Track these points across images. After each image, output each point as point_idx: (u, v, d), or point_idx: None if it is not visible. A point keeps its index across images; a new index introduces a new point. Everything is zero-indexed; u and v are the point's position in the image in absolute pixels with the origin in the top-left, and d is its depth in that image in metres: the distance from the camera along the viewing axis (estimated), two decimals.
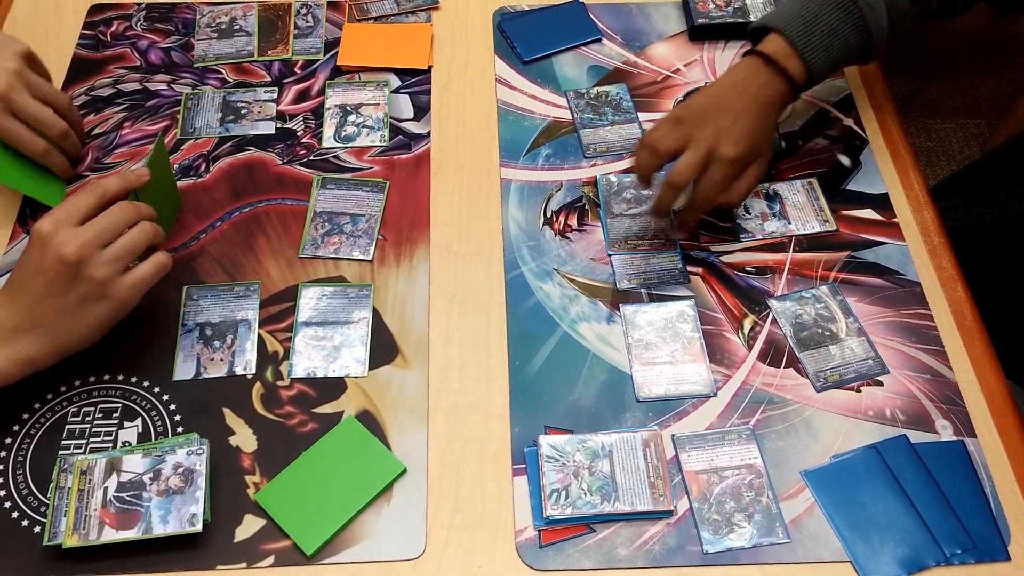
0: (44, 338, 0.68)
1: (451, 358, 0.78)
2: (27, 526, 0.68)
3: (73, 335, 0.69)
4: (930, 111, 2.14)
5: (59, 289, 0.67)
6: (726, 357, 0.78)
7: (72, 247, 0.66)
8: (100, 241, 0.68)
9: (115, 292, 0.69)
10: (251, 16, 1.03)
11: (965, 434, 0.73)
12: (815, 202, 0.87)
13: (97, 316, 0.69)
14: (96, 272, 0.67)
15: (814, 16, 0.79)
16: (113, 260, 0.68)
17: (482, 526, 0.69)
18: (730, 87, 0.80)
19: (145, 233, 0.71)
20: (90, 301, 0.68)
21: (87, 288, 0.68)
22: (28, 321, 0.68)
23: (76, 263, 0.67)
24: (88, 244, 0.67)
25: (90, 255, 0.67)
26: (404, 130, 0.93)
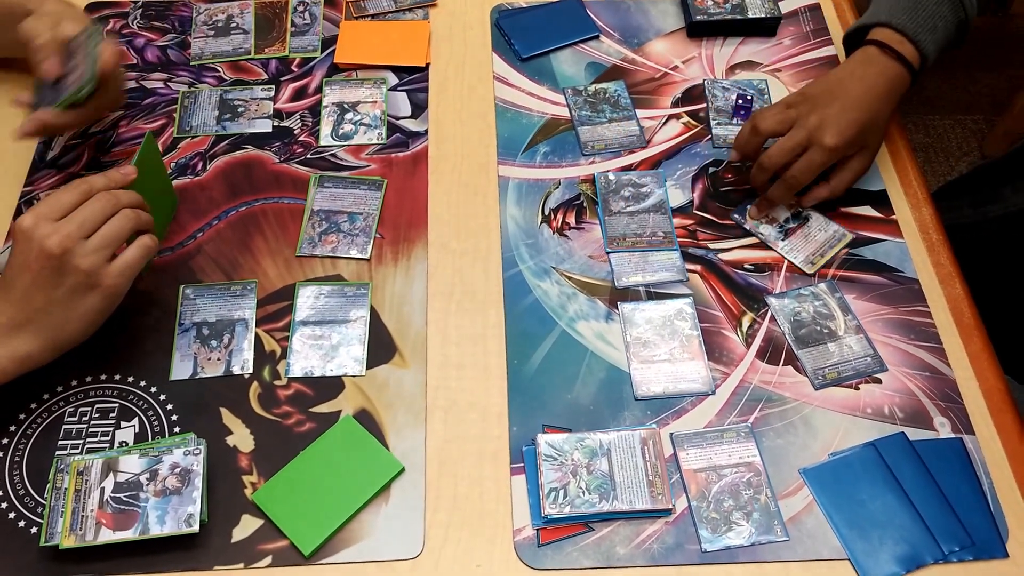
0: (38, 333, 0.68)
1: (449, 357, 0.77)
2: (24, 527, 0.68)
3: (67, 328, 0.69)
4: (928, 107, 2.14)
5: (47, 283, 0.67)
6: (724, 355, 0.78)
7: (55, 239, 0.66)
8: (82, 232, 0.67)
9: (104, 280, 0.68)
10: (248, 14, 1.02)
11: (963, 431, 0.73)
12: (829, 247, 0.84)
13: (89, 307, 0.69)
14: (82, 262, 0.67)
15: (914, 3, 0.83)
16: (98, 249, 0.68)
17: (480, 525, 0.69)
18: (846, 76, 0.82)
19: (128, 219, 0.70)
20: (80, 292, 0.68)
21: (75, 279, 0.67)
22: (21, 317, 0.68)
23: (60, 255, 0.66)
24: (70, 235, 0.67)
25: (74, 246, 0.67)
26: (402, 128, 0.93)
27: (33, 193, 0.87)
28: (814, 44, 1.01)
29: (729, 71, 0.99)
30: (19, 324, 0.68)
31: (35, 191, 0.87)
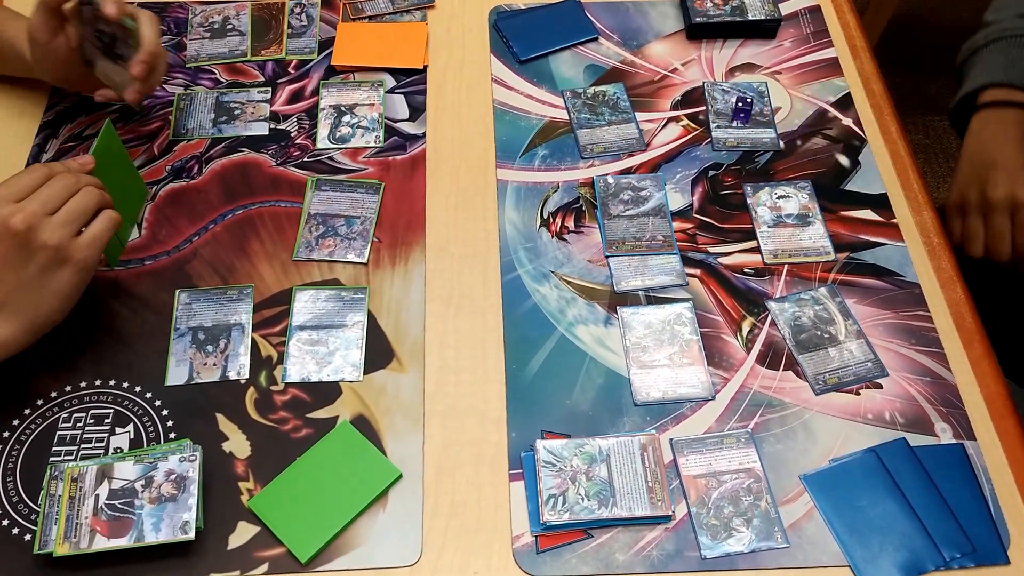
0: (14, 316, 0.68)
1: (447, 362, 0.77)
2: (17, 534, 0.67)
3: (41, 308, 0.68)
4: (929, 108, 2.14)
5: (16, 262, 0.66)
6: (724, 360, 0.77)
7: (19, 216, 0.65)
8: (46, 209, 0.67)
9: (73, 254, 0.68)
10: (244, 15, 1.02)
11: (964, 437, 0.73)
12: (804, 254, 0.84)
13: (61, 283, 0.68)
14: (50, 237, 0.66)
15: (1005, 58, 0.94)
16: (64, 223, 0.67)
17: (478, 532, 0.68)
18: (982, 148, 0.88)
19: (91, 195, 0.70)
20: (51, 268, 0.67)
21: (44, 255, 0.67)
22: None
23: (26, 231, 0.66)
24: (35, 212, 0.66)
25: (39, 222, 0.66)
26: (399, 131, 0.93)
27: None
28: (814, 46, 1.01)
29: (729, 73, 0.98)
30: None
31: None
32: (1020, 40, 0.98)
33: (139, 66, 0.80)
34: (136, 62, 0.80)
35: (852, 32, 1.03)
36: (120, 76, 0.84)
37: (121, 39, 0.81)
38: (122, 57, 0.83)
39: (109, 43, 0.83)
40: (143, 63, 0.80)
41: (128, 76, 0.82)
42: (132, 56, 0.81)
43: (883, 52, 0.85)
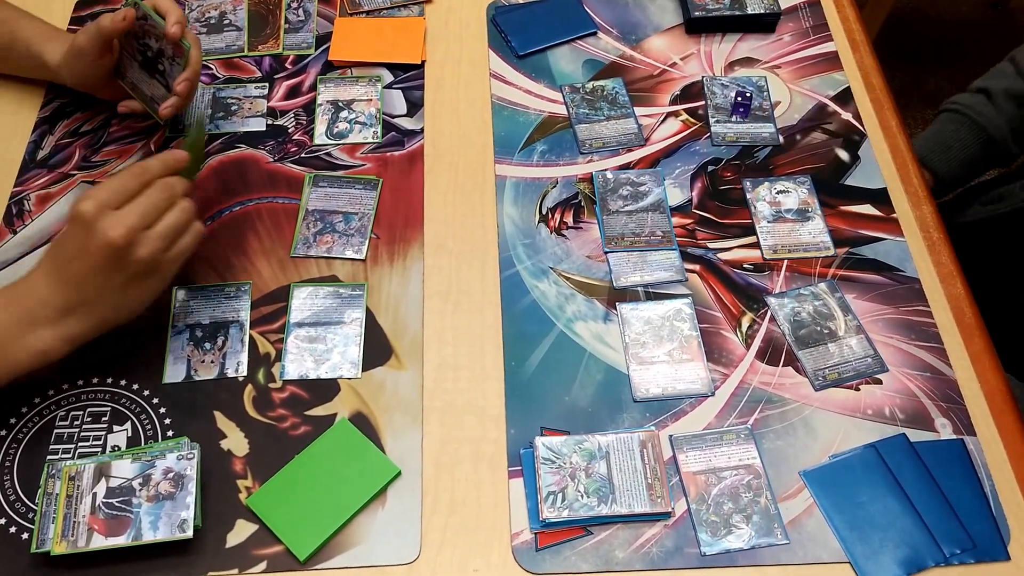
0: (90, 315, 0.69)
1: (446, 358, 0.77)
2: (15, 533, 0.67)
3: (119, 311, 0.70)
4: (927, 102, 2.13)
5: (107, 271, 0.67)
6: (724, 356, 0.77)
7: (119, 231, 0.66)
8: (144, 223, 0.68)
9: (160, 267, 0.70)
10: (241, 10, 1.01)
11: (964, 432, 0.73)
12: (803, 250, 0.84)
13: (142, 292, 0.70)
14: (144, 253, 0.68)
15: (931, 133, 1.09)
16: (158, 240, 0.69)
17: (478, 529, 0.68)
18: None
19: (185, 212, 0.72)
20: (138, 279, 0.69)
21: (135, 268, 0.68)
22: (75, 300, 0.68)
23: (125, 246, 0.67)
24: (135, 228, 0.67)
25: (136, 238, 0.67)
26: (397, 126, 0.92)
27: (24, 193, 0.86)
28: (814, 40, 1.00)
29: (728, 68, 0.98)
30: (73, 306, 0.68)
31: (25, 191, 0.86)
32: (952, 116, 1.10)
33: (185, 84, 0.82)
34: (182, 79, 0.82)
35: (852, 26, 1.03)
36: (153, 90, 0.85)
37: (168, 56, 0.82)
38: (160, 72, 0.84)
39: (151, 58, 0.84)
40: (188, 80, 0.82)
41: (161, 91, 0.84)
42: (174, 73, 0.83)
43: (883, 46, 0.85)
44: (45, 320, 0.68)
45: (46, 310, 0.68)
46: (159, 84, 0.85)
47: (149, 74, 0.85)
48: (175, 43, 0.80)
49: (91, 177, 0.87)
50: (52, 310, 0.68)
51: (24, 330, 0.67)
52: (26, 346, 0.67)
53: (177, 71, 0.82)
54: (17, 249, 0.82)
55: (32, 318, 0.67)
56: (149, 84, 0.86)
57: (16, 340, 0.67)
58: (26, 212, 0.85)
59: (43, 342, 0.67)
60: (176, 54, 0.82)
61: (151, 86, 0.85)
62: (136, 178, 0.69)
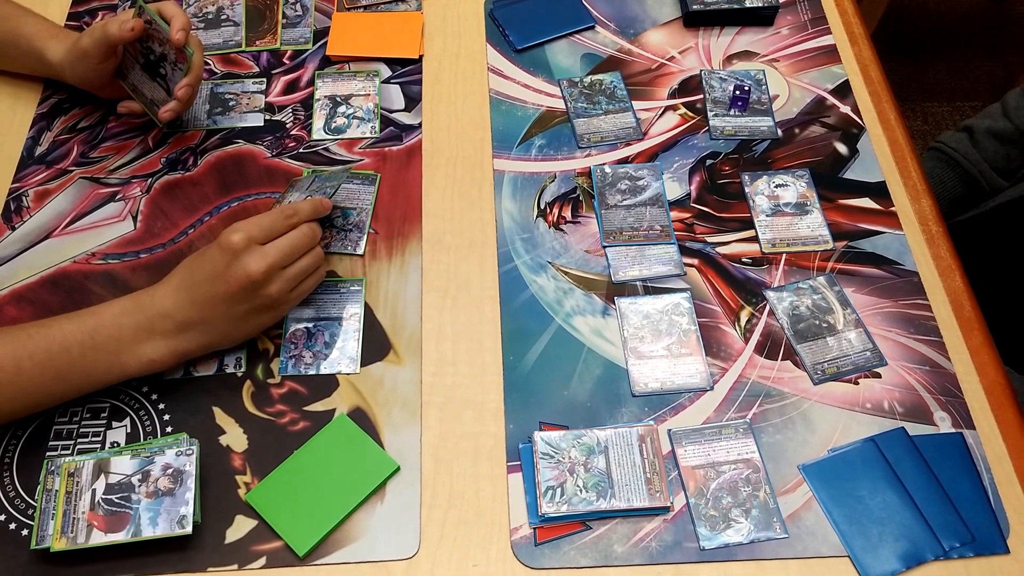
0: (204, 336, 0.71)
1: (444, 354, 0.77)
2: (14, 529, 0.67)
3: (230, 337, 0.73)
4: (927, 94, 2.13)
5: (236, 300, 0.70)
6: (723, 350, 0.77)
7: (260, 267, 0.69)
8: (284, 263, 0.71)
9: (283, 303, 0.73)
10: (238, 6, 1.01)
11: (963, 426, 0.73)
12: (802, 243, 0.85)
13: (258, 324, 0.73)
14: (274, 290, 0.71)
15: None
16: (290, 280, 0.72)
17: (477, 524, 0.68)
18: None
19: (318, 258, 0.75)
20: (259, 312, 0.72)
21: (261, 302, 0.71)
22: (196, 318, 0.70)
23: (261, 282, 0.69)
24: (274, 266, 0.70)
25: (273, 276, 0.70)
26: (395, 121, 0.92)
27: (22, 189, 0.86)
28: (812, 33, 1.00)
29: (726, 61, 0.98)
30: (191, 324, 0.70)
31: (23, 187, 0.86)
32: (935, 153, 1.13)
33: (186, 89, 0.83)
34: (183, 85, 0.83)
35: (850, 19, 1.03)
36: (153, 93, 0.86)
37: (170, 61, 0.83)
38: (161, 76, 0.84)
39: (154, 61, 0.84)
40: (190, 86, 0.83)
41: (161, 94, 0.85)
42: (175, 78, 0.83)
43: (881, 39, 0.85)
44: (162, 332, 0.70)
45: (165, 323, 0.69)
46: (160, 87, 0.85)
47: (150, 77, 0.85)
48: (178, 49, 0.81)
49: (89, 173, 0.87)
50: (171, 324, 0.70)
51: (141, 337, 0.69)
52: (138, 353, 0.69)
53: (179, 76, 0.83)
54: (15, 246, 0.82)
55: (151, 327, 0.69)
56: (150, 86, 0.86)
57: (131, 345, 0.69)
58: (24, 208, 0.85)
59: (156, 352, 0.70)
60: (179, 60, 0.82)
61: (152, 89, 0.85)
62: (286, 219, 0.72)
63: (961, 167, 1.10)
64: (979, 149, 1.09)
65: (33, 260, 0.81)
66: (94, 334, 0.68)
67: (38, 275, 0.80)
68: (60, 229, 0.83)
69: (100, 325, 0.68)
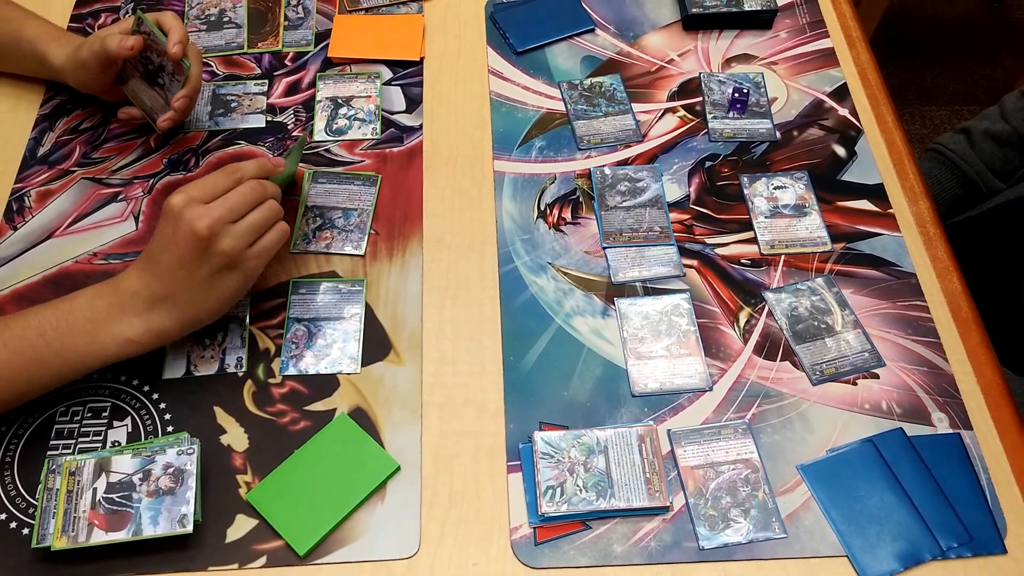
0: (176, 309, 0.70)
1: (444, 353, 0.77)
2: (15, 528, 0.67)
3: (203, 306, 0.71)
4: (925, 98, 2.14)
5: (192, 262, 0.69)
6: (722, 351, 0.77)
7: (204, 222, 0.68)
8: (231, 217, 0.69)
9: (244, 262, 0.71)
10: (240, 8, 1.02)
11: (961, 426, 0.73)
12: (800, 245, 0.85)
13: (226, 287, 0.71)
14: (227, 245, 0.69)
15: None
16: (242, 234, 0.70)
17: (477, 524, 0.68)
18: None
19: (272, 210, 0.73)
20: (220, 273, 0.70)
21: (218, 261, 0.69)
22: (162, 292, 0.69)
23: (208, 237, 0.68)
24: (220, 220, 0.68)
25: (221, 230, 0.69)
26: (396, 123, 0.92)
27: (24, 189, 0.86)
28: (811, 36, 1.01)
29: (725, 64, 0.98)
30: (159, 299, 0.69)
31: (26, 187, 0.87)
32: (933, 155, 1.14)
33: (183, 100, 0.83)
34: (181, 96, 0.83)
35: (848, 22, 1.03)
36: (153, 101, 0.86)
37: (168, 72, 0.83)
38: (160, 85, 0.85)
39: (153, 71, 0.85)
40: (187, 98, 0.83)
41: (160, 102, 0.86)
42: (173, 88, 0.84)
43: (879, 42, 0.86)
44: (134, 311, 0.69)
45: (135, 301, 0.69)
46: (159, 96, 0.86)
47: (150, 85, 0.86)
48: (176, 62, 0.81)
49: (91, 174, 0.87)
50: (141, 301, 0.69)
51: (114, 317, 0.69)
52: (113, 332, 0.69)
53: (176, 87, 0.83)
54: (17, 246, 0.83)
55: (123, 307, 0.69)
56: (149, 94, 0.86)
57: (105, 326, 0.69)
58: (26, 208, 0.85)
59: (131, 330, 0.69)
60: (176, 71, 0.83)
61: (151, 96, 0.86)
62: (227, 176, 0.72)
63: (959, 168, 1.10)
64: (977, 151, 1.10)
65: (35, 260, 0.82)
66: (68, 317, 0.68)
67: (40, 275, 0.81)
68: (62, 229, 0.84)
69: (74, 308, 0.69)
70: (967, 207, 1.09)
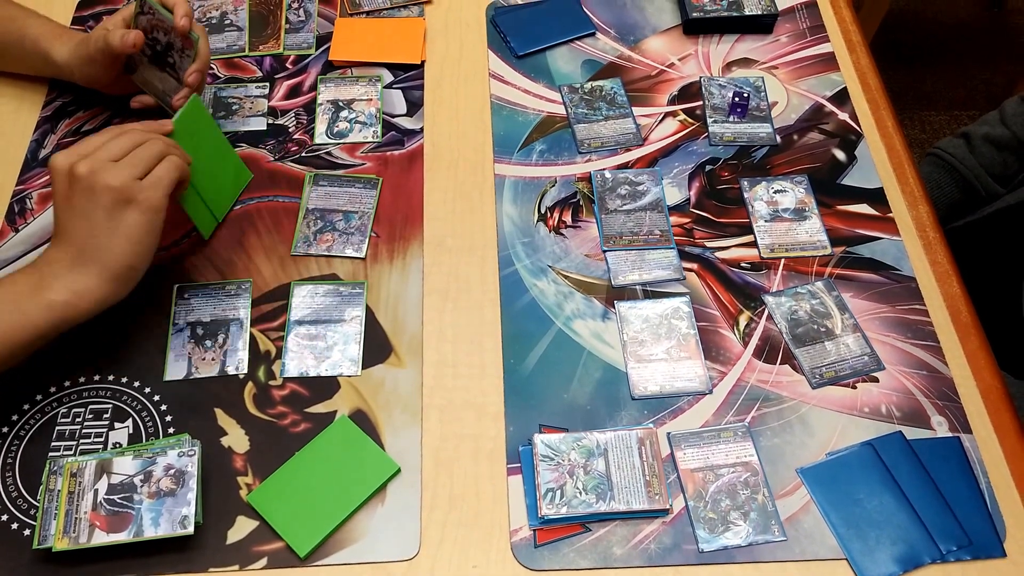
0: (91, 262, 0.69)
1: (445, 356, 0.77)
2: (17, 529, 0.67)
3: (115, 252, 0.69)
4: (924, 103, 2.14)
5: (84, 209, 0.68)
6: (722, 354, 0.77)
7: (83, 163, 0.68)
8: (109, 156, 0.69)
9: (136, 194, 0.69)
10: (242, 10, 1.02)
11: (961, 430, 0.73)
12: (800, 248, 0.86)
13: (130, 226, 0.69)
14: (110, 178, 0.68)
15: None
16: (125, 166, 0.69)
17: (477, 526, 0.69)
18: None
19: (156, 144, 0.72)
20: (117, 211, 0.69)
21: (108, 197, 0.68)
22: (74, 250, 0.69)
23: (88, 175, 0.68)
24: (97, 158, 0.69)
25: (101, 167, 0.68)
26: (397, 126, 0.93)
27: (26, 192, 0.86)
28: (811, 41, 1.01)
29: (726, 68, 0.98)
30: (73, 258, 0.69)
31: (28, 190, 0.87)
32: (932, 159, 1.14)
33: (196, 75, 0.83)
34: (193, 70, 0.83)
35: (848, 27, 1.03)
36: (164, 83, 0.86)
37: (177, 49, 0.83)
38: (170, 65, 0.85)
39: (161, 51, 0.85)
40: (199, 72, 0.83)
41: (172, 84, 0.85)
42: (183, 65, 0.83)
43: (879, 47, 0.86)
44: (53, 276, 0.69)
45: (54, 267, 0.69)
46: (170, 77, 0.85)
47: (159, 68, 0.86)
48: (184, 36, 0.81)
49: None
50: (59, 266, 0.69)
51: (35, 286, 0.69)
52: (37, 300, 0.68)
53: (187, 63, 0.83)
54: (19, 247, 0.83)
55: (42, 276, 0.69)
56: (160, 78, 0.86)
57: (28, 297, 0.68)
58: (28, 211, 0.85)
59: (53, 292, 0.68)
60: (185, 46, 0.82)
61: (162, 79, 0.86)
62: (109, 131, 0.72)
63: (958, 173, 1.10)
64: (976, 155, 1.10)
65: None
66: None
67: None
68: None
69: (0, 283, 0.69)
70: (966, 212, 1.09)
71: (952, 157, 1.11)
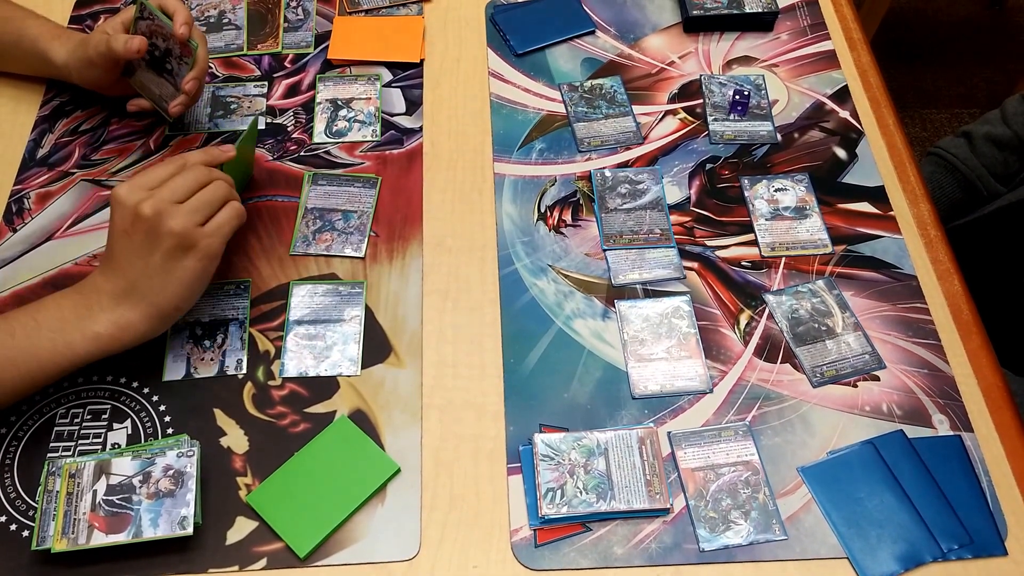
0: (139, 300, 0.69)
1: (445, 356, 0.77)
2: (15, 530, 0.67)
3: (166, 294, 0.70)
4: (925, 101, 2.14)
5: (143, 247, 0.69)
6: (722, 353, 0.77)
7: (148, 203, 0.68)
8: (174, 197, 0.69)
9: (197, 241, 0.70)
10: (240, 9, 1.02)
11: (962, 429, 0.73)
12: (801, 247, 0.86)
13: (185, 270, 0.70)
14: (175, 224, 0.68)
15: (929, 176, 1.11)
16: (190, 212, 0.69)
17: (477, 526, 0.68)
18: None
19: (221, 188, 0.72)
20: (175, 255, 0.69)
21: (170, 242, 0.68)
22: (124, 284, 0.69)
23: (152, 217, 0.68)
24: (163, 199, 0.68)
25: (166, 208, 0.68)
26: (396, 125, 0.92)
27: (23, 191, 0.86)
28: (811, 39, 1.01)
29: (726, 66, 0.98)
30: (122, 292, 0.69)
31: (25, 189, 0.87)
32: (933, 158, 1.14)
33: (193, 82, 0.83)
34: (190, 78, 0.83)
35: (849, 25, 1.03)
36: (161, 88, 0.86)
37: (176, 55, 0.83)
38: (168, 71, 0.84)
39: (159, 57, 0.84)
40: (196, 79, 0.83)
41: (169, 89, 0.85)
42: (181, 72, 0.83)
43: (880, 45, 0.86)
44: (99, 307, 0.69)
45: (99, 297, 0.69)
46: (167, 82, 0.85)
47: (157, 73, 0.85)
48: (183, 43, 0.81)
49: (91, 175, 0.88)
50: (106, 297, 0.69)
51: (81, 314, 0.69)
52: (81, 328, 0.68)
53: (185, 70, 0.83)
54: (17, 247, 0.83)
55: (88, 305, 0.69)
56: (157, 83, 0.86)
57: (72, 324, 0.68)
58: (26, 210, 0.85)
59: (97, 324, 0.69)
60: (184, 54, 0.82)
61: (160, 85, 0.86)
62: (173, 164, 0.72)
63: (959, 172, 1.10)
64: (977, 155, 1.10)
65: (35, 262, 0.82)
66: (36, 316, 0.68)
67: (39, 277, 0.81)
68: (62, 231, 0.84)
69: (42, 307, 0.69)
70: (967, 211, 1.09)
71: (954, 157, 1.11)
